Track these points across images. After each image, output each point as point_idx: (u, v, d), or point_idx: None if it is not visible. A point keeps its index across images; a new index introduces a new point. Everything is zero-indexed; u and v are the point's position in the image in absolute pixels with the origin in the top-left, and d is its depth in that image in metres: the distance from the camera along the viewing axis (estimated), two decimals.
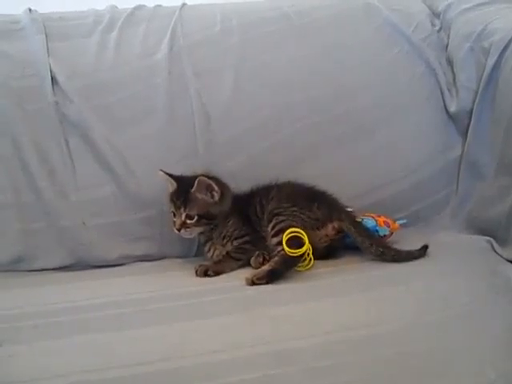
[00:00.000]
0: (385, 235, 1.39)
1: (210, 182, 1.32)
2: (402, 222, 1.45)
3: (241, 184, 1.43)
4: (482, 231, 1.41)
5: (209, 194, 1.33)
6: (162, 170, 1.35)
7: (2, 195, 1.40)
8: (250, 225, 1.37)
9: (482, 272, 1.21)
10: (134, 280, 1.28)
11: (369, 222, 1.38)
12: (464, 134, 1.53)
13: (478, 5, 1.60)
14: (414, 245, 1.33)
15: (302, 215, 1.31)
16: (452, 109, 1.54)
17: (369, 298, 1.11)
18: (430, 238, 1.39)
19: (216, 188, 1.33)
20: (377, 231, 1.38)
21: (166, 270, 1.34)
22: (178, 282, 1.24)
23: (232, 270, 1.31)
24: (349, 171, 1.51)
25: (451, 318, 1.01)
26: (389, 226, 1.40)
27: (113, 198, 1.43)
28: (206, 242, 1.38)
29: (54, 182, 1.41)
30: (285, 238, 1.23)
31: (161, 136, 1.46)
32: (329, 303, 1.09)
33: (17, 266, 1.38)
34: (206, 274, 1.28)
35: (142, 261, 1.42)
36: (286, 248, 1.22)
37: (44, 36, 1.51)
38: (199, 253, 1.43)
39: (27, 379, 0.87)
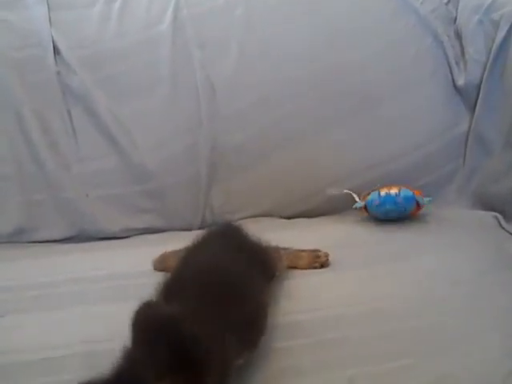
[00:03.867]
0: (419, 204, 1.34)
1: None
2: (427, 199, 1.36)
3: (245, 158, 1.43)
4: (489, 207, 1.40)
5: None
6: None
7: (4, 166, 1.40)
8: None
9: (489, 248, 1.20)
10: (138, 252, 1.27)
11: (407, 192, 1.33)
12: (472, 108, 1.50)
13: None
14: (419, 220, 1.32)
15: None
16: (460, 82, 1.51)
17: (372, 273, 1.10)
18: (436, 213, 1.39)
19: None
20: (417, 201, 1.33)
21: (170, 243, 1.31)
22: None
23: None
24: (352, 146, 1.48)
25: (456, 293, 1.00)
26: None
27: (115, 169, 1.42)
28: None
29: (56, 153, 1.40)
30: None
31: (164, 107, 1.45)
32: (333, 277, 1.08)
33: (19, 238, 1.38)
34: None
35: (145, 233, 1.41)
36: None
37: (46, 5, 1.48)
38: (203, 225, 1.42)
39: (34, 348, 0.87)
